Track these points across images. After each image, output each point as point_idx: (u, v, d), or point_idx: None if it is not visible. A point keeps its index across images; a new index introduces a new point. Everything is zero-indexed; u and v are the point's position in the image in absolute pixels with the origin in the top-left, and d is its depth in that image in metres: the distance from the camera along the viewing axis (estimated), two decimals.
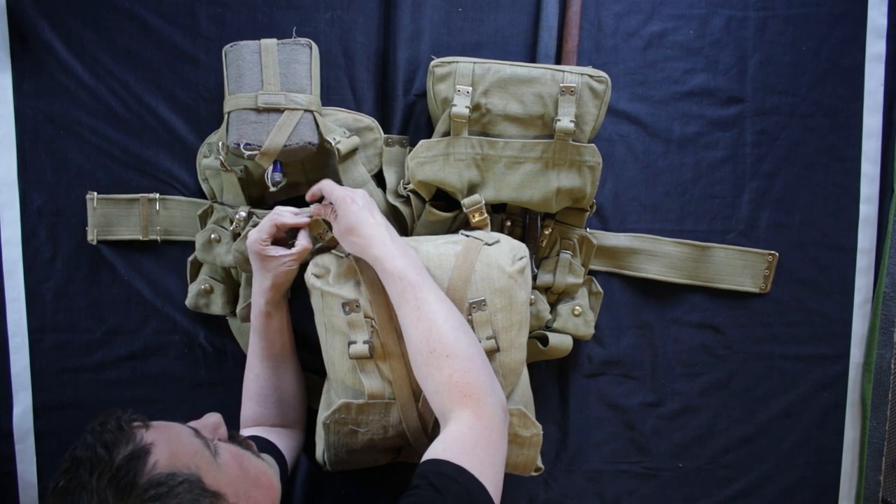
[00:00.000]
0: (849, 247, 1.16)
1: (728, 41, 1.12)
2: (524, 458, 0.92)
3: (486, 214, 0.99)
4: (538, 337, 1.08)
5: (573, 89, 0.95)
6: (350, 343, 0.87)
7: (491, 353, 0.87)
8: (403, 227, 1.06)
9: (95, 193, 1.06)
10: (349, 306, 0.87)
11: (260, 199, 1.04)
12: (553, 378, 1.15)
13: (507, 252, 0.90)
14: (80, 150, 1.07)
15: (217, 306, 1.05)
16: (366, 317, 0.87)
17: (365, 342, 0.86)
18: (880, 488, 1.18)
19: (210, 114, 1.07)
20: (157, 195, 1.07)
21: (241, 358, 1.10)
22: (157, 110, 1.07)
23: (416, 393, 0.88)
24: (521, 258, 0.90)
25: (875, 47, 1.14)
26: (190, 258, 1.07)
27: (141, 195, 1.07)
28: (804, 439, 1.19)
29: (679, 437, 1.17)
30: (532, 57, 1.09)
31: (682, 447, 1.17)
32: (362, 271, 0.88)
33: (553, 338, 1.06)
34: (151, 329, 1.11)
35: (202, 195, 1.07)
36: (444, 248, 0.90)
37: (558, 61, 1.07)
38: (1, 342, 1.09)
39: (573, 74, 0.96)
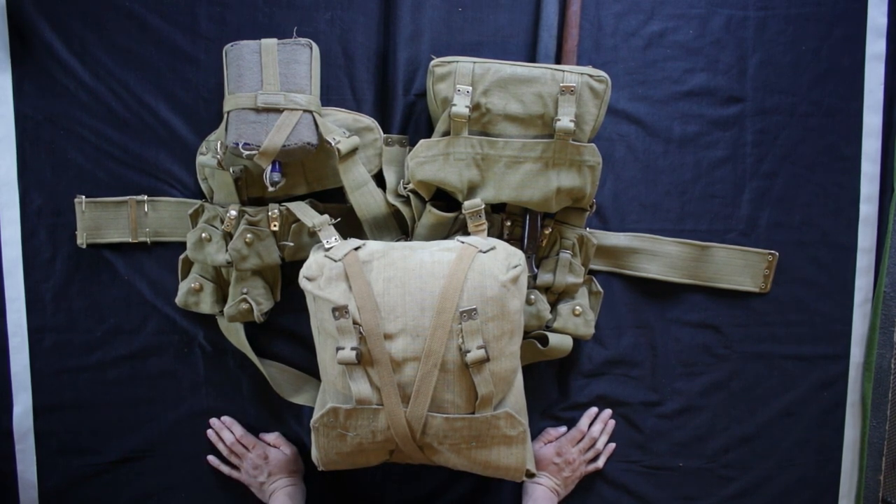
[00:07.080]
0: (849, 246, 1.16)
1: (728, 41, 1.12)
2: (514, 459, 0.92)
3: (484, 220, 0.99)
4: (538, 337, 1.07)
5: (573, 89, 0.95)
6: (338, 349, 0.86)
7: (481, 363, 0.86)
8: (404, 227, 1.05)
9: (84, 197, 1.06)
10: (338, 312, 0.86)
11: (260, 198, 1.04)
12: (553, 378, 1.15)
13: (502, 259, 0.90)
14: (80, 151, 1.07)
15: (206, 305, 1.05)
16: (354, 323, 0.86)
17: (353, 348, 0.85)
18: (880, 488, 1.18)
19: (210, 114, 1.07)
20: (146, 197, 1.07)
21: (240, 358, 1.10)
22: (157, 110, 1.07)
23: (405, 399, 0.87)
24: (516, 266, 0.89)
25: (875, 47, 1.14)
26: (181, 256, 1.07)
27: (129, 198, 1.07)
28: (804, 439, 1.19)
29: (679, 437, 1.17)
30: (532, 57, 1.09)
31: (682, 446, 1.17)
32: (352, 277, 0.88)
33: (553, 338, 1.06)
34: (151, 329, 1.11)
35: (202, 195, 1.07)
36: (439, 255, 0.90)
37: (558, 61, 1.07)
38: (1, 342, 1.09)
39: (573, 74, 0.96)
